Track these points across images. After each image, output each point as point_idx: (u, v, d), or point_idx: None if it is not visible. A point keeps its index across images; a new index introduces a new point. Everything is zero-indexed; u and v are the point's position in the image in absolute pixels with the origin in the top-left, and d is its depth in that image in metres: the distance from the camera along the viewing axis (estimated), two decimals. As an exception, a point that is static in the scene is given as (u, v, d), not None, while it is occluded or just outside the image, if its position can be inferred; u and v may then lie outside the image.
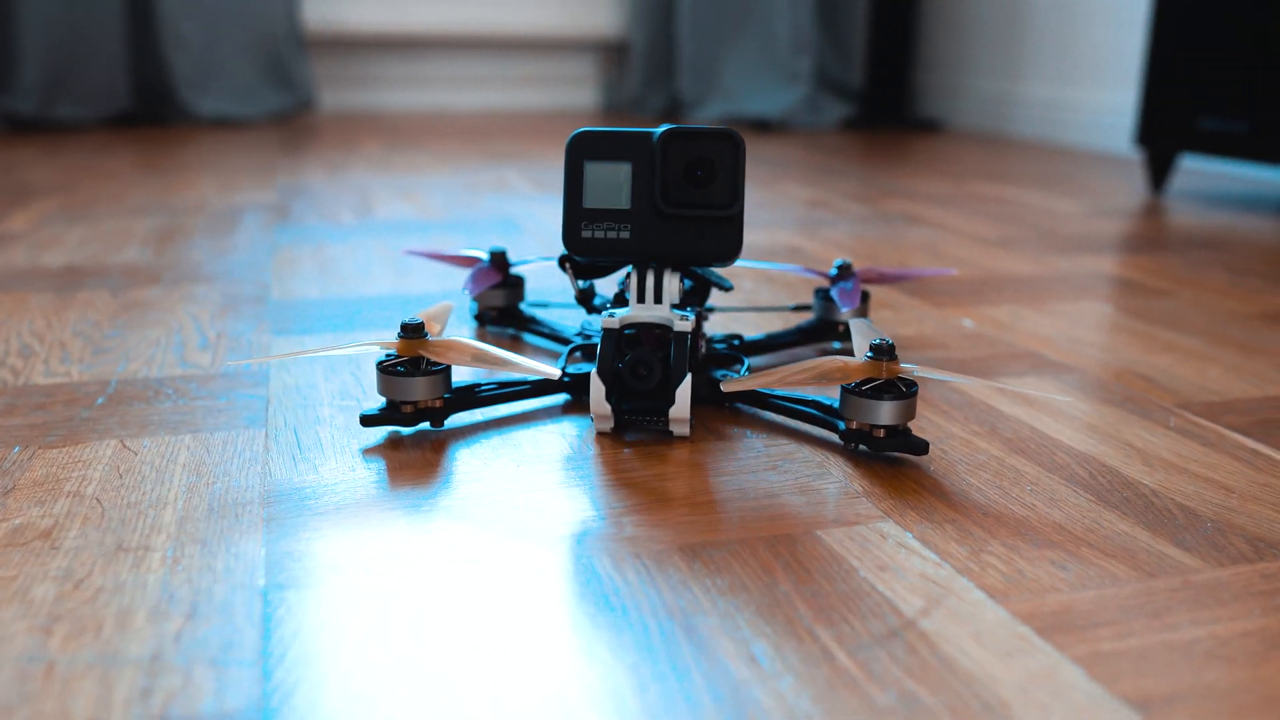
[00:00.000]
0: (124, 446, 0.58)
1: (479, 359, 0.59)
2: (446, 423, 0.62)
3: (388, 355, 0.60)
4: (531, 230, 1.22)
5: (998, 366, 0.76)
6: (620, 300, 0.67)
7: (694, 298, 0.69)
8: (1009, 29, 2.46)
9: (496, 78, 2.75)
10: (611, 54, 2.84)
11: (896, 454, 0.59)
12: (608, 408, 0.59)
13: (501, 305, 0.79)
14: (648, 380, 0.59)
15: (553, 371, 0.58)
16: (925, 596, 0.44)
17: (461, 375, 0.70)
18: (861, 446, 0.59)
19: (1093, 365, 0.77)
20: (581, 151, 0.61)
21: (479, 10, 2.64)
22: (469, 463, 0.57)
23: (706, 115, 2.61)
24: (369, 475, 0.55)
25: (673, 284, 0.61)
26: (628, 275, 0.62)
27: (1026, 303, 0.95)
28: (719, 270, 1.03)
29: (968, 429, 0.63)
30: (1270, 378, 0.75)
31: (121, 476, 0.54)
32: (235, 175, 1.56)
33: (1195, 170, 1.95)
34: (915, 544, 0.49)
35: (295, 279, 0.96)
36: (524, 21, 2.68)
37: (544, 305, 0.82)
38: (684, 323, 0.60)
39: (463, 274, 0.99)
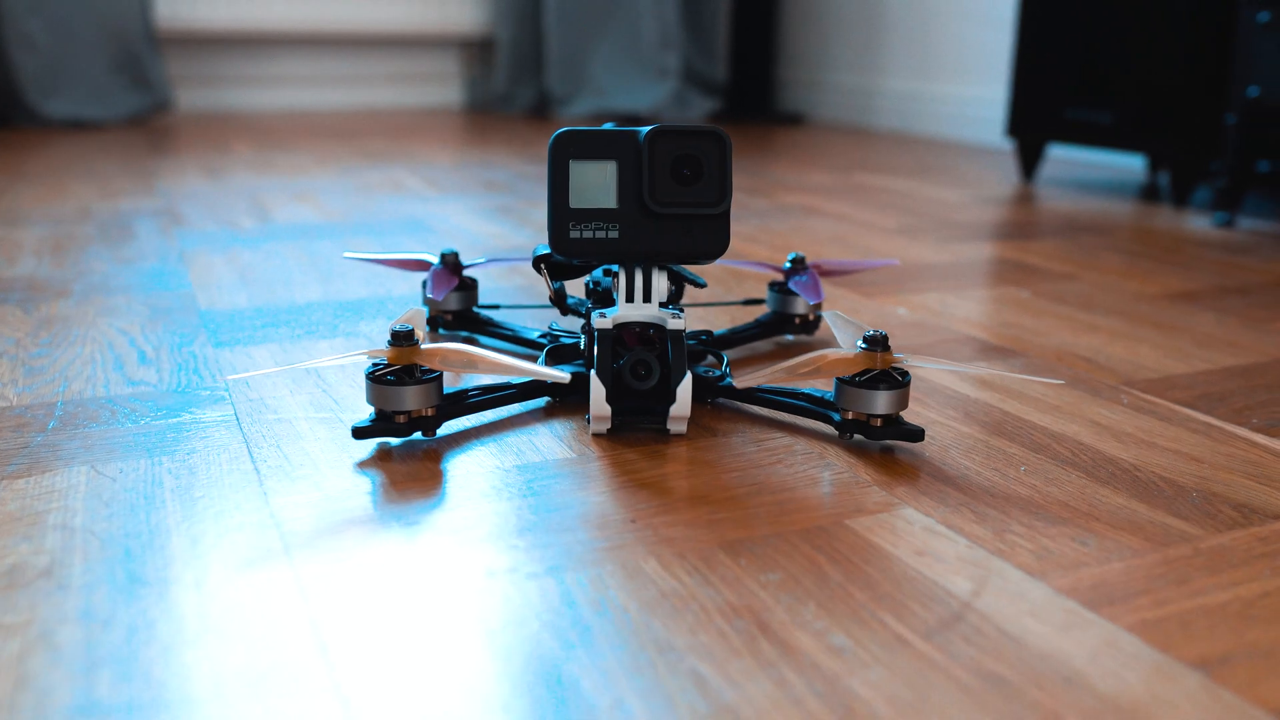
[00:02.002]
0: (97, 473, 0.54)
1: (479, 365, 0.57)
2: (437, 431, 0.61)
3: (375, 364, 0.58)
4: (443, 230, 1.19)
5: (946, 352, 0.79)
6: (604, 300, 0.66)
7: (671, 295, 0.69)
8: (867, 26, 2.54)
9: (357, 76, 2.68)
10: (475, 50, 2.80)
11: (892, 442, 0.60)
12: (608, 409, 0.59)
13: (456, 309, 0.78)
14: (648, 380, 0.59)
15: (562, 376, 0.57)
16: (971, 578, 0.45)
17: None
18: (857, 436, 0.61)
19: (1032, 348, 0.80)
20: (566, 150, 0.60)
21: (338, 7, 2.56)
22: (473, 471, 0.55)
23: (576, 111, 2.61)
24: (374, 490, 0.53)
25: (661, 282, 0.61)
26: (615, 274, 0.62)
27: (948, 290, 0.99)
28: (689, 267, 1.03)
29: (944, 414, 0.65)
30: (1194, 354, 0.80)
31: (107, 505, 0.51)
32: (110, 180, 1.48)
33: (1059, 159, 2.05)
34: (942, 528, 0.50)
35: (217, 288, 0.91)
36: (384, 18, 2.62)
37: (494, 307, 0.81)
38: (676, 321, 0.60)
39: (399, 276, 0.96)
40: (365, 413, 0.63)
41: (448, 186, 1.51)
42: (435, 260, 0.79)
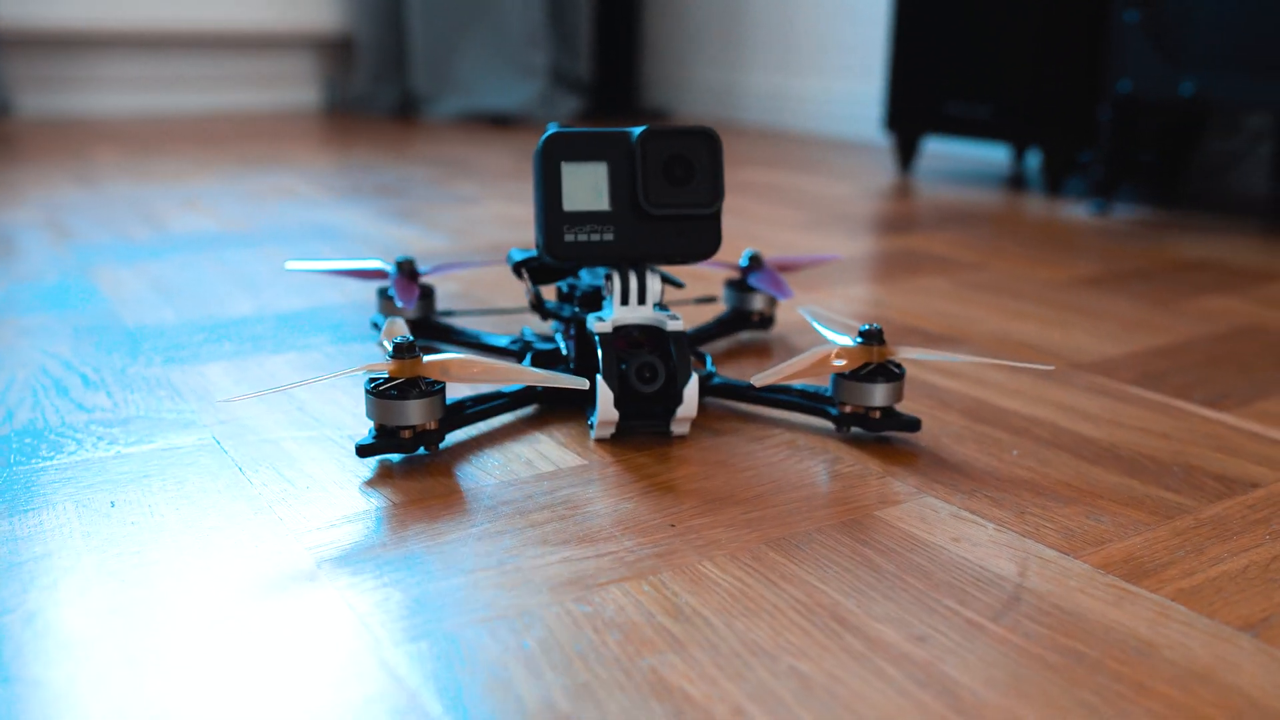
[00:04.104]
0: (85, 508, 0.51)
1: (490, 375, 0.56)
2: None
3: (373, 379, 0.56)
4: (355, 237, 1.16)
5: (900, 342, 0.81)
6: (590, 303, 0.66)
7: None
8: (731, 22, 2.59)
9: (210, 77, 2.57)
10: (333, 50, 2.72)
11: (891, 433, 0.62)
12: (616, 414, 0.58)
13: (415, 318, 0.76)
14: (654, 383, 0.58)
15: (581, 382, 0.56)
16: (1013, 561, 0.47)
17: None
18: (855, 428, 0.62)
19: (973, 336, 0.84)
20: (558, 153, 0.59)
21: (188, 5, 2.44)
22: (489, 485, 0.54)
23: (443, 111, 2.56)
24: (394, 509, 0.51)
25: (655, 284, 0.61)
26: (606, 277, 0.61)
27: (875, 282, 1.02)
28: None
29: (921, 403, 0.68)
30: (1122, 336, 0.84)
31: (112, 542, 0.48)
32: (-32, 192, 1.37)
33: (928, 151, 2.13)
34: (967, 514, 0.52)
35: (138, 304, 0.86)
36: (237, 18, 2.51)
37: (450, 314, 0.79)
38: (675, 322, 0.60)
39: (332, 286, 0.93)
40: (351, 429, 0.61)
41: (341, 191, 1.47)
42: (388, 267, 0.76)
